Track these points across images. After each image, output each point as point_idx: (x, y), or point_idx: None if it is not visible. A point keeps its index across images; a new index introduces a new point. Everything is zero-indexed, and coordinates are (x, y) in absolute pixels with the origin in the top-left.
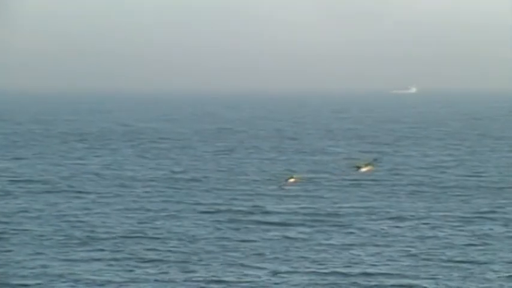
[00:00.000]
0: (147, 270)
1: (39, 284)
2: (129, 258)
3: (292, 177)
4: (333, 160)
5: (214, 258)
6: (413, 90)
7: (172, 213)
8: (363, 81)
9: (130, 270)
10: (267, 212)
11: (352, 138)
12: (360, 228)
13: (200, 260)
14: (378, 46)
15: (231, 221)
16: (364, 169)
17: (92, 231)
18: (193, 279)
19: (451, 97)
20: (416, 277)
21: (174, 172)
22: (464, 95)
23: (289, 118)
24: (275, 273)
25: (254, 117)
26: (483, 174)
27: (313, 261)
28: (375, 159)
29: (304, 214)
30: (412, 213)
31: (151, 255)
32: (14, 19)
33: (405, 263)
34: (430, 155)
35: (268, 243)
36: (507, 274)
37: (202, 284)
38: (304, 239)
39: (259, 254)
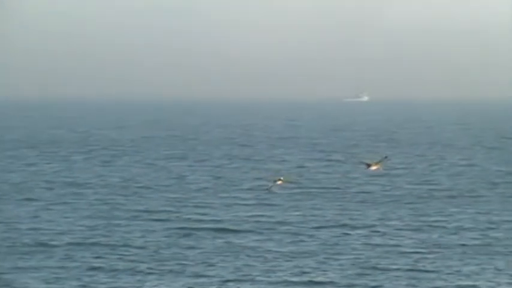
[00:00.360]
0: (97, 278)
1: None
2: (79, 267)
3: (280, 179)
4: (283, 168)
5: (165, 266)
6: (365, 98)
7: (123, 220)
8: (316, 90)
9: (79, 278)
10: (218, 220)
11: (304, 146)
12: (310, 236)
13: (150, 268)
14: (330, 53)
15: (181, 228)
16: (374, 167)
17: (41, 239)
18: (143, 287)
19: (404, 106)
20: (365, 285)
21: (124, 179)
22: (418, 104)
23: (241, 125)
24: (224, 281)
25: (206, 124)
26: (433, 182)
27: (262, 270)
28: (385, 157)
29: (255, 222)
30: (362, 222)
31: (101, 263)
32: None
33: (354, 272)
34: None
35: (218, 251)
36: (456, 283)
37: None
38: (253, 247)
39: (209, 262)
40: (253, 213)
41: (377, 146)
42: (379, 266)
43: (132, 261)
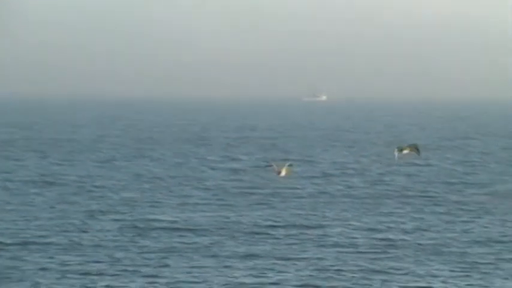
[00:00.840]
0: (49, 278)
1: None
2: (31, 267)
3: (282, 170)
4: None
5: (118, 266)
6: (323, 97)
7: (76, 220)
8: (273, 90)
9: (30, 279)
10: (173, 220)
11: (263, 145)
12: (265, 236)
13: (103, 269)
14: (286, 54)
15: (136, 228)
16: (406, 151)
17: None
18: None
19: (364, 105)
20: (320, 286)
21: (76, 177)
22: (378, 103)
23: (199, 124)
24: (178, 282)
25: (162, 122)
26: (389, 182)
27: (217, 270)
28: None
29: (210, 221)
30: (318, 222)
31: (54, 263)
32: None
33: (309, 273)
34: (338, 162)
35: (173, 251)
36: (410, 284)
37: None
38: (208, 247)
39: (163, 263)
40: (209, 213)
41: (333, 146)
42: (334, 267)
43: (85, 262)
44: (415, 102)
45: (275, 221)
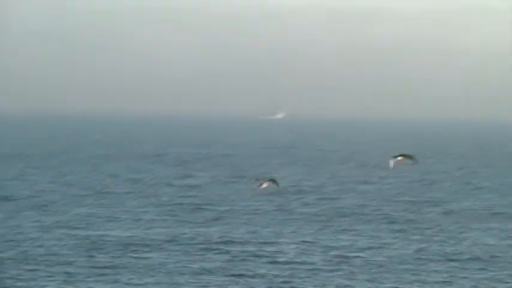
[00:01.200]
0: None
1: None
2: None
3: (264, 183)
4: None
5: (71, 282)
6: (280, 115)
7: (27, 235)
8: (231, 108)
9: None
10: (127, 236)
11: (218, 162)
12: (219, 253)
13: (56, 285)
14: (246, 71)
15: (90, 242)
16: (399, 158)
17: None
18: None
19: (320, 122)
20: None
21: (30, 191)
22: (335, 121)
23: (158, 141)
24: None
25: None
26: (347, 200)
27: (170, 287)
28: (412, 157)
29: (163, 237)
30: (273, 238)
31: (5, 278)
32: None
33: None
34: (294, 179)
35: (125, 267)
36: None
37: None
38: (161, 263)
39: (116, 279)
40: (164, 229)
41: (282, 164)
42: (288, 284)
43: (39, 276)
44: (375, 120)
45: (230, 237)
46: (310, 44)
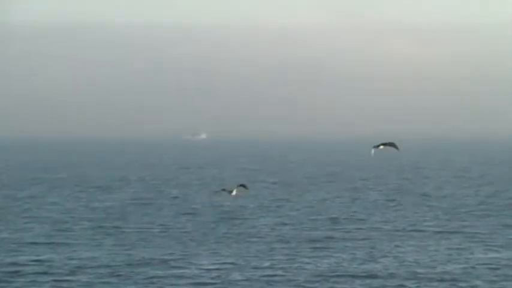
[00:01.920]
0: None
1: None
2: None
3: (233, 190)
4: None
5: None
6: (203, 136)
7: None
8: (153, 127)
9: None
10: (38, 260)
11: (134, 183)
12: (129, 276)
13: None
14: (168, 92)
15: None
16: (381, 146)
17: None
18: None
19: (244, 143)
20: None
21: None
22: (259, 141)
23: (67, 165)
24: None
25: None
26: (259, 221)
27: None
28: (391, 143)
29: (82, 264)
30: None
31: None
32: None
33: None
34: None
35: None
36: None
37: None
38: None
39: None
40: (86, 253)
41: (205, 184)
42: None
43: None
44: (304, 139)
45: (143, 259)
46: (233, 64)
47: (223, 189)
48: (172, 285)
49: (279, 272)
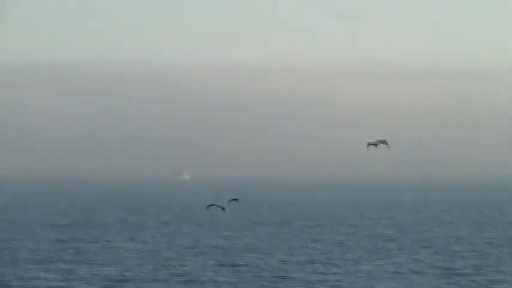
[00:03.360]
0: None
1: None
2: None
3: (225, 206)
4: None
5: None
6: (187, 177)
7: None
8: (137, 168)
9: None
10: None
11: (111, 225)
12: None
13: None
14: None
15: None
16: (373, 144)
17: None
18: None
19: (229, 184)
20: None
21: None
22: (242, 182)
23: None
24: None
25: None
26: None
27: None
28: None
29: None
30: None
31: None
32: None
33: None
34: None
35: None
36: None
37: None
38: None
39: None
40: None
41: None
42: None
43: None
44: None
45: None
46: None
47: (211, 205)
48: None
49: None
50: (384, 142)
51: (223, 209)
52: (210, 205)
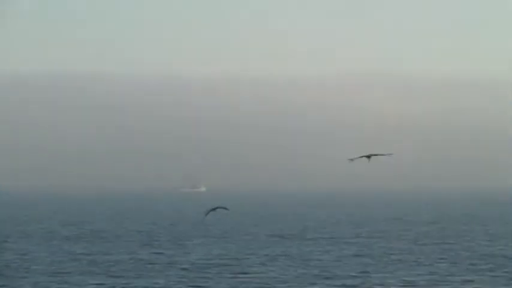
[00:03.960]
0: None
1: None
2: None
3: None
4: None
5: None
6: (203, 189)
7: None
8: (153, 180)
9: None
10: None
11: (128, 237)
12: None
13: None
14: (164, 144)
15: None
16: (363, 157)
17: None
18: None
19: (240, 196)
20: None
21: None
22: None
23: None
24: None
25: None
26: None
27: None
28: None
29: None
30: None
31: None
32: None
33: None
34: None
35: None
36: None
37: None
38: None
39: None
40: None
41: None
42: None
43: None
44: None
45: None
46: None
47: (214, 209)
48: None
49: None
50: (369, 157)
51: (225, 208)
52: (213, 209)
